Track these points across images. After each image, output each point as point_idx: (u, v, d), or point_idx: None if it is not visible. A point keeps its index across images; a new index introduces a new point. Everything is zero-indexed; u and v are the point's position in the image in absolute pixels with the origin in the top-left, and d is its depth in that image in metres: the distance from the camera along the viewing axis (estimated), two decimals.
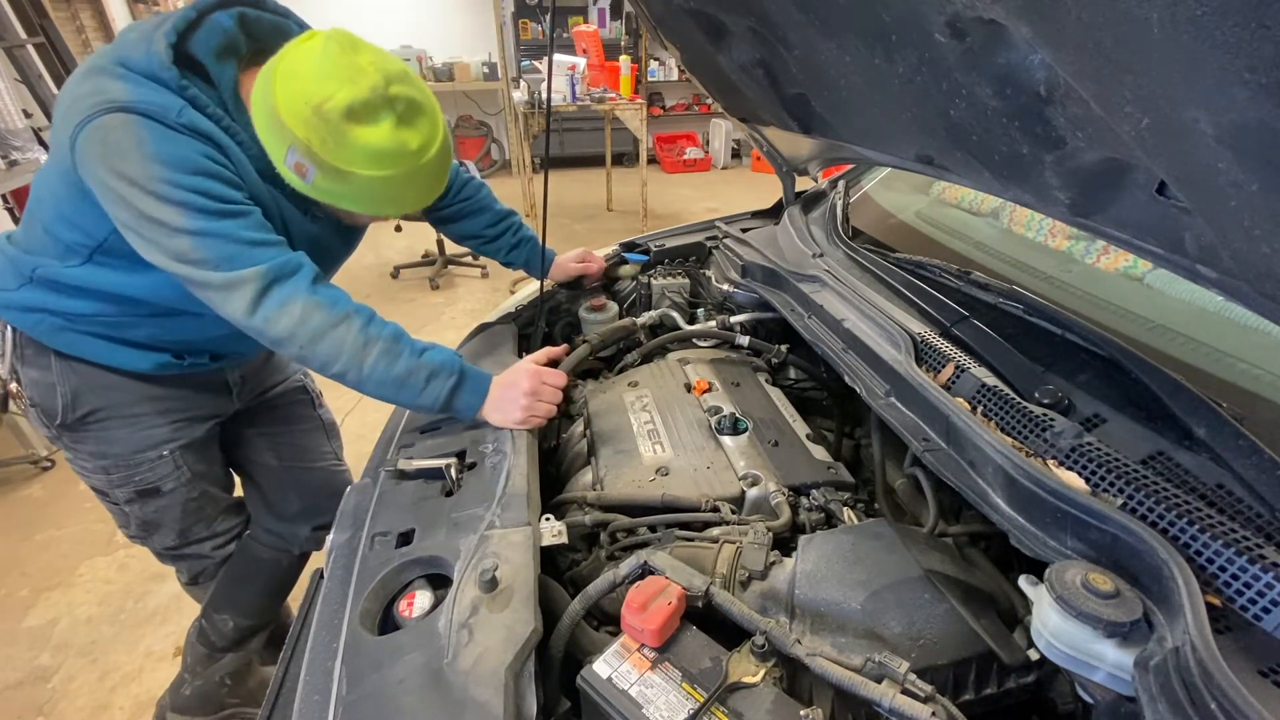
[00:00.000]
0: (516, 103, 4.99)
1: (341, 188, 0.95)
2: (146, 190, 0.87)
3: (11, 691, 1.83)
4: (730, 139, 7.85)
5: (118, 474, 1.24)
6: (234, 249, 0.91)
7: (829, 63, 0.97)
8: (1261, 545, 0.59)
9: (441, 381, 1.02)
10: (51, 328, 1.12)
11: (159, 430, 1.24)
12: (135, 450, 1.23)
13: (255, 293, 0.91)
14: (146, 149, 0.87)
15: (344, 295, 0.99)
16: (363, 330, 0.97)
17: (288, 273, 0.94)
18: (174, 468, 1.27)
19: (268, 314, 0.92)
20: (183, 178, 0.88)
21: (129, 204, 0.88)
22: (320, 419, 1.58)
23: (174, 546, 1.37)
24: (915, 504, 1.03)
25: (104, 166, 0.87)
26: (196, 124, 0.92)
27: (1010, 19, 0.58)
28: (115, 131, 0.87)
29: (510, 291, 4.27)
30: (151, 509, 1.29)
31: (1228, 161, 0.47)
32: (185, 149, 0.90)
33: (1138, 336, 0.95)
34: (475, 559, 0.80)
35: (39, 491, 2.60)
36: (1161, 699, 0.52)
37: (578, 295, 1.66)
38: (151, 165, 0.87)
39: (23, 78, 3.76)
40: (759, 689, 0.66)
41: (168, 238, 0.89)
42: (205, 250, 0.90)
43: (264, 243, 0.95)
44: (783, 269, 1.37)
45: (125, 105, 0.87)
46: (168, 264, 0.91)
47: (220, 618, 1.47)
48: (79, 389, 1.17)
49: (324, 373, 0.98)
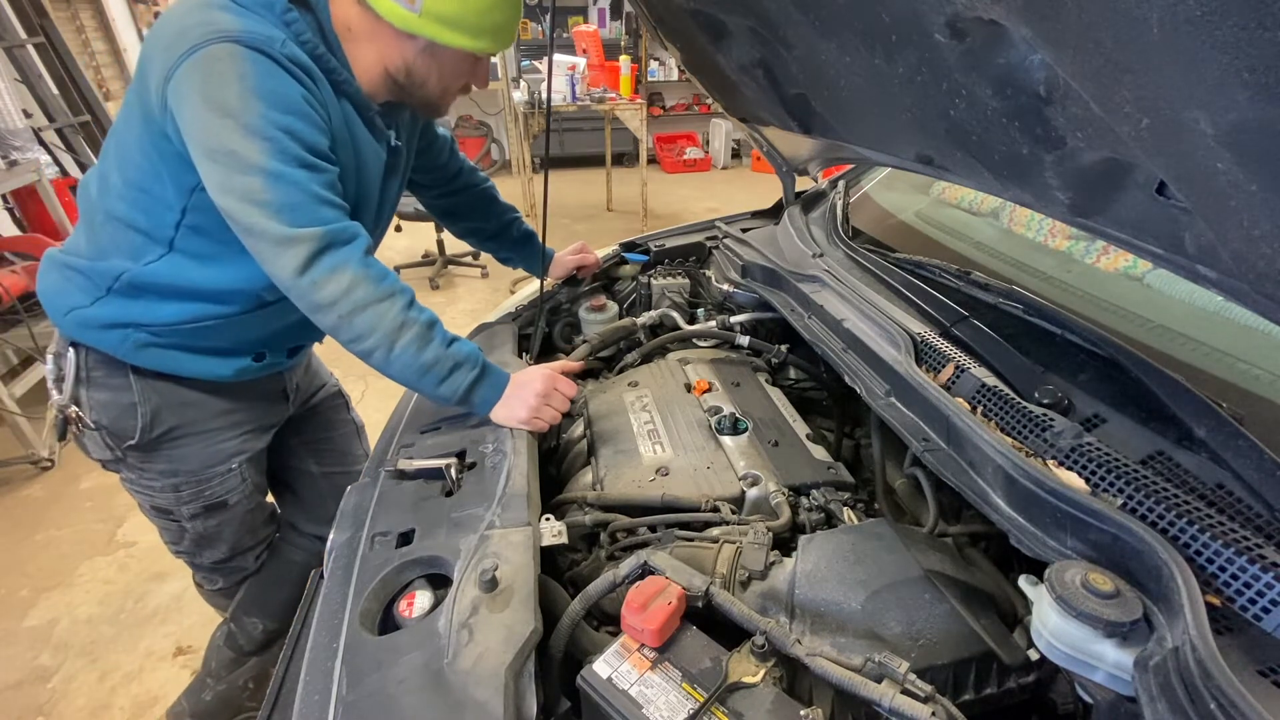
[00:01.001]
0: (516, 103, 4.99)
1: (447, 6, 0.95)
2: (239, 121, 0.87)
3: (11, 691, 1.83)
4: (730, 139, 7.84)
5: (188, 490, 1.23)
6: (302, 199, 0.91)
7: (829, 63, 0.97)
8: (1261, 545, 0.59)
9: (464, 374, 1.02)
10: (136, 344, 1.10)
11: (230, 443, 1.25)
12: (207, 465, 1.23)
13: (310, 253, 0.91)
14: (248, 82, 0.87)
15: (391, 273, 0.99)
16: (403, 311, 0.97)
17: (344, 239, 0.94)
18: (240, 480, 1.29)
19: (316, 277, 0.92)
20: (276, 115, 0.89)
21: (216, 133, 0.87)
22: (354, 421, 1.61)
23: (223, 559, 1.37)
24: (915, 504, 1.03)
25: (200, 94, 0.87)
26: (296, 57, 0.93)
27: (1010, 19, 0.58)
28: (220, 61, 0.87)
29: (510, 291, 4.28)
30: (215, 523, 1.29)
31: (1228, 161, 0.47)
32: (285, 86, 0.91)
33: (1138, 336, 0.95)
34: (475, 559, 0.80)
35: (39, 491, 2.60)
36: (1161, 699, 0.52)
37: (578, 295, 1.66)
38: (249, 98, 0.87)
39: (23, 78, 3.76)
40: (759, 689, 0.66)
41: (243, 173, 0.88)
42: (275, 193, 0.89)
43: (330, 203, 0.95)
44: (783, 269, 1.37)
45: (232, 35, 0.87)
46: (233, 204, 0.90)
47: (250, 621, 1.47)
48: (159, 407, 1.16)
49: (353, 346, 0.97)
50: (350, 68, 1.02)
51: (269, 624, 1.49)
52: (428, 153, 1.36)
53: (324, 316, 0.95)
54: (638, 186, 5.45)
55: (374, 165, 1.12)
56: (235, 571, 1.43)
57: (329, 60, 0.99)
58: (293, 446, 1.49)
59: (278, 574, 1.48)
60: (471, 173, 1.47)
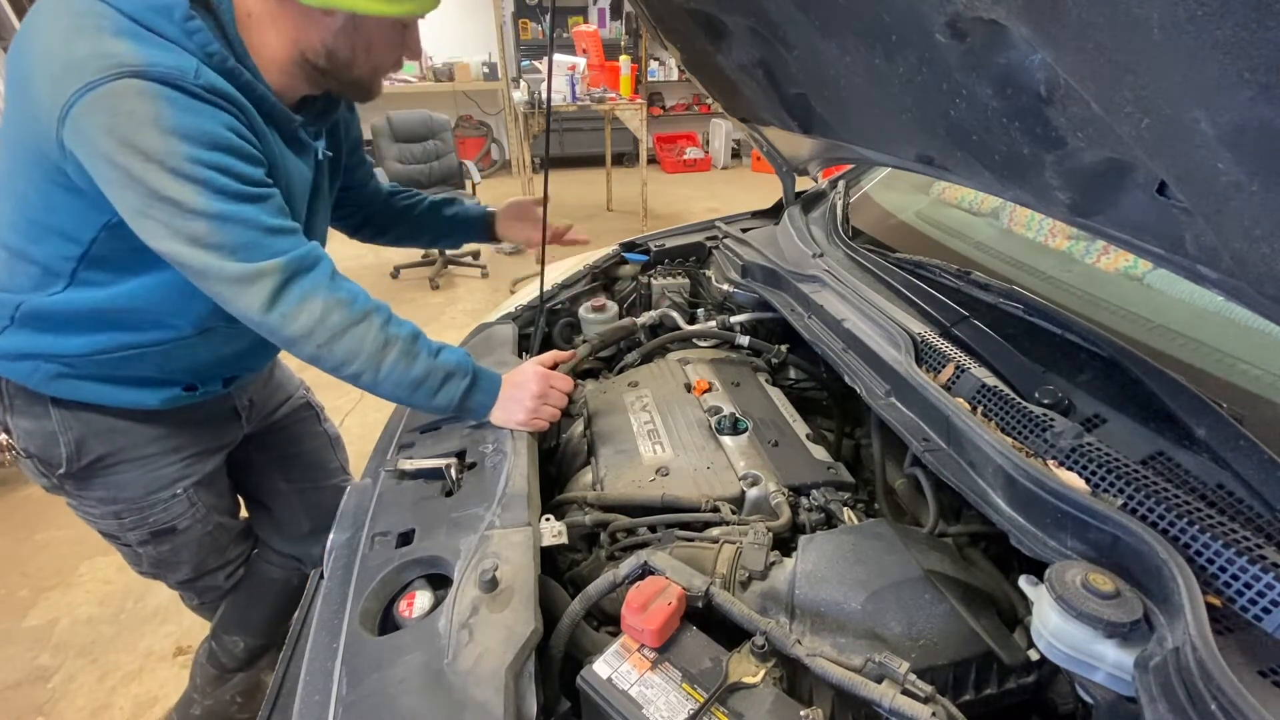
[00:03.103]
0: (516, 103, 4.99)
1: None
2: (165, 166, 0.78)
3: (11, 691, 1.83)
4: (730, 139, 7.85)
5: (130, 518, 1.17)
6: (253, 236, 0.85)
7: (829, 63, 0.97)
8: (1261, 545, 0.59)
9: (456, 383, 1.00)
10: (46, 375, 1.02)
11: (171, 469, 1.17)
12: (148, 492, 1.16)
13: (274, 287, 0.86)
14: (165, 122, 0.78)
15: (361, 290, 0.95)
16: (382, 329, 0.93)
17: (307, 266, 0.89)
18: (189, 505, 1.21)
19: (285, 310, 0.87)
20: (204, 154, 0.81)
21: (141, 182, 0.79)
22: (326, 433, 1.53)
23: (189, 580, 1.31)
24: (915, 504, 1.03)
25: (112, 140, 0.77)
26: (214, 85, 0.83)
27: (1010, 19, 0.58)
28: (126, 100, 0.76)
29: (510, 291, 4.27)
30: (167, 548, 1.23)
31: (1228, 161, 0.47)
32: (207, 120, 0.81)
33: (1138, 336, 0.95)
34: (475, 559, 0.80)
35: (39, 491, 2.57)
36: (1161, 699, 0.52)
37: (578, 295, 1.66)
38: (170, 140, 0.78)
39: None
40: (759, 689, 0.66)
41: (183, 220, 0.81)
42: (224, 234, 0.83)
43: (283, 230, 0.89)
44: (783, 269, 1.37)
45: (136, 70, 0.76)
46: (180, 251, 0.82)
47: (231, 639, 1.45)
48: (83, 436, 1.08)
49: (338, 373, 0.93)
50: (256, 69, 0.90)
51: (250, 641, 1.46)
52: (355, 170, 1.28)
53: (302, 348, 0.90)
54: (638, 186, 5.46)
55: (300, 185, 1.03)
56: (207, 590, 1.37)
57: (241, 74, 0.88)
58: (258, 463, 1.41)
59: (256, 592, 1.43)
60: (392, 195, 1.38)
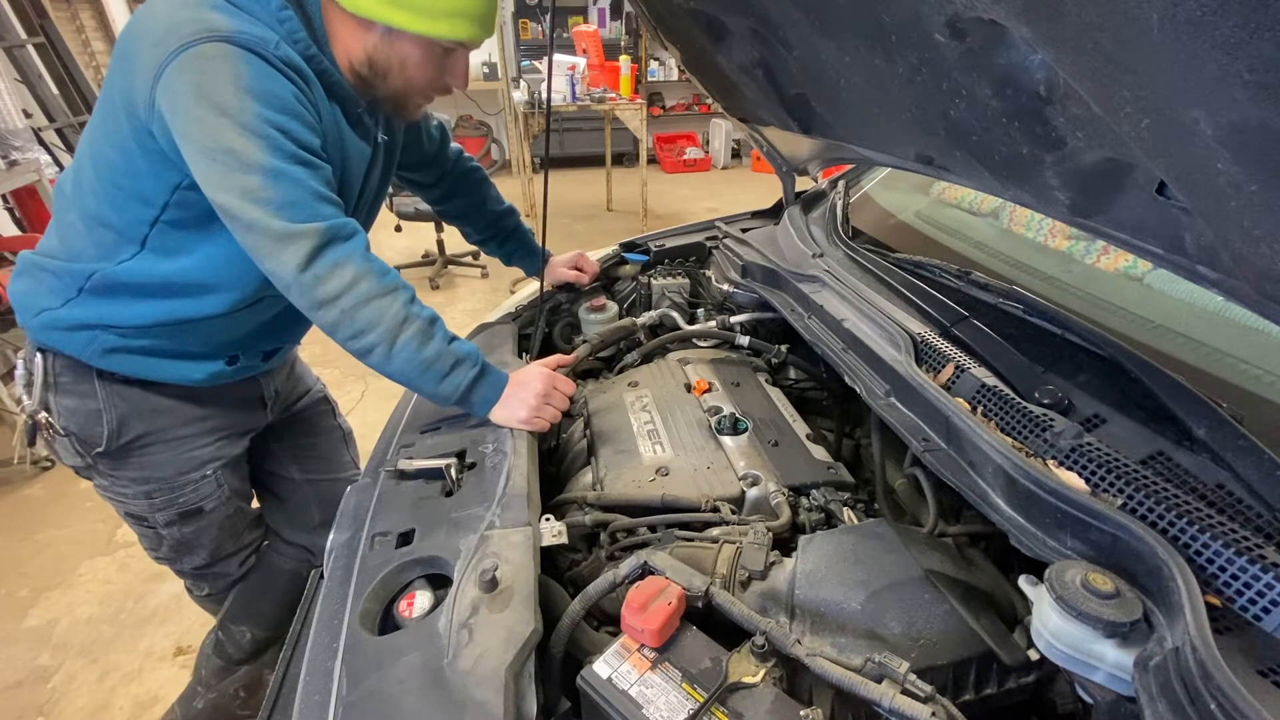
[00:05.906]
0: (516, 103, 4.99)
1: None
2: (235, 120, 0.87)
3: (11, 691, 1.83)
4: (730, 139, 7.84)
5: (161, 497, 1.22)
6: (301, 195, 0.91)
7: (829, 63, 0.97)
8: (1261, 545, 0.59)
9: (464, 371, 1.02)
10: (102, 347, 1.09)
11: (204, 450, 1.23)
12: (180, 472, 1.22)
13: (312, 248, 0.91)
14: (242, 81, 0.87)
15: (393, 270, 0.99)
16: (405, 306, 0.97)
17: (345, 235, 0.94)
18: (216, 486, 1.27)
19: (319, 272, 0.92)
20: (271, 114, 0.89)
21: (213, 131, 0.87)
22: (340, 428, 1.59)
23: (204, 565, 1.36)
24: (915, 504, 1.03)
25: (194, 93, 0.86)
26: (289, 58, 0.93)
27: (1010, 19, 0.58)
28: (214, 60, 0.86)
29: (510, 291, 4.28)
30: (191, 529, 1.28)
31: (1227, 161, 0.47)
32: (278, 86, 0.91)
33: (1138, 336, 0.95)
34: (475, 559, 0.80)
35: (39, 491, 2.60)
36: (1161, 699, 0.52)
37: (578, 295, 1.66)
38: (244, 97, 0.87)
39: (23, 78, 3.77)
40: (759, 689, 0.66)
41: (242, 171, 0.88)
42: (274, 189, 0.89)
43: (328, 199, 0.95)
44: (783, 269, 1.37)
45: (225, 35, 0.87)
46: (232, 203, 0.89)
47: (238, 630, 1.46)
48: (126, 414, 1.14)
49: (353, 343, 0.96)
50: (334, 58, 1.01)
51: (257, 632, 1.47)
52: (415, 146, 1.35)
53: (326, 312, 0.94)
54: (638, 186, 5.46)
55: (357, 163, 1.11)
56: (219, 578, 1.41)
57: (321, 61, 0.98)
58: (275, 452, 1.47)
59: (265, 582, 1.46)
60: (465, 161, 1.46)
